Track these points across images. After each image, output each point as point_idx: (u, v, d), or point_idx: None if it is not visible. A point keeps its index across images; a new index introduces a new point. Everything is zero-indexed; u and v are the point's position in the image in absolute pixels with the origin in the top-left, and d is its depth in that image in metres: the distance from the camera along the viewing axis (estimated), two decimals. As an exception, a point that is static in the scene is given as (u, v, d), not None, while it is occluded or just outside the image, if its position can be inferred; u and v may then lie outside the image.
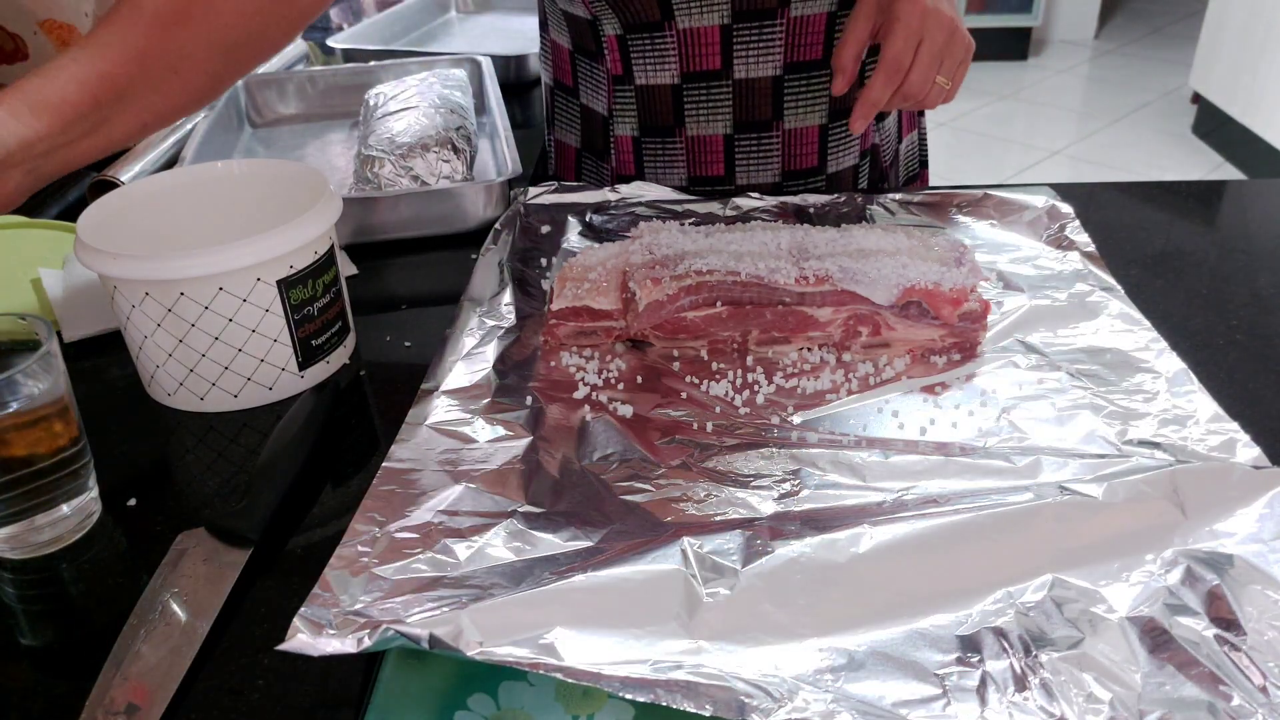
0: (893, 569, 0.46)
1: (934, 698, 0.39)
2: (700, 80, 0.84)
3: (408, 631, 0.41)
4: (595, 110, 0.91)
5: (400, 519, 0.49)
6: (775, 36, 0.81)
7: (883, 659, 0.41)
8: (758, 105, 0.85)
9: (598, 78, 0.88)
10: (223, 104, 1.03)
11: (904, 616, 0.43)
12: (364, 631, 0.41)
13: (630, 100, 0.86)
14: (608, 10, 0.82)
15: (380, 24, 1.37)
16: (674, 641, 0.42)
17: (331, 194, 0.63)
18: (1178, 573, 0.44)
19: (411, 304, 0.74)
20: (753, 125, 0.85)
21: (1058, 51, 4.09)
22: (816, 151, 0.87)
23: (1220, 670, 0.40)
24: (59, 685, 0.45)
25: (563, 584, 0.44)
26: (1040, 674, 0.40)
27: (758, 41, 0.81)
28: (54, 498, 0.51)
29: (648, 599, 0.44)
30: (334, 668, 0.45)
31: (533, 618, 0.42)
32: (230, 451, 0.59)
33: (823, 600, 0.44)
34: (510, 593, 0.44)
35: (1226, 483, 0.49)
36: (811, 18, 0.81)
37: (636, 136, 0.88)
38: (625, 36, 0.83)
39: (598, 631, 0.42)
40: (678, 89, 0.84)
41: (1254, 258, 0.75)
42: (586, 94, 0.91)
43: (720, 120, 0.85)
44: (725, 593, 0.44)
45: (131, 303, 0.59)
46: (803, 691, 0.39)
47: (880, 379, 0.61)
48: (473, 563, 0.46)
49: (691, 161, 0.88)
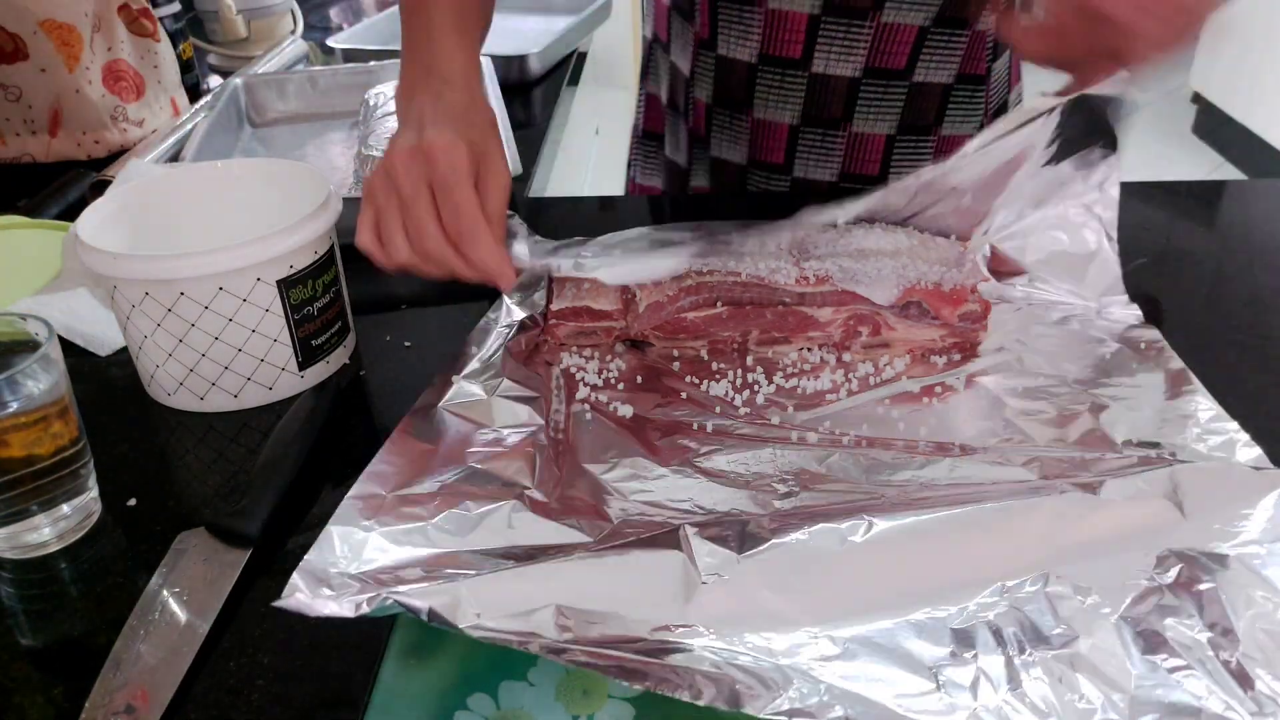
0: (890, 560, 0.46)
1: (927, 691, 0.39)
2: (777, 65, 0.84)
3: (406, 602, 0.41)
4: (680, 69, 0.92)
5: (406, 487, 0.49)
6: (862, 37, 0.80)
7: (877, 649, 0.41)
8: (830, 103, 0.84)
9: (686, 37, 0.89)
10: (223, 104, 1.03)
11: (899, 607, 0.43)
12: (363, 597, 0.41)
13: (710, 66, 0.87)
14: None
15: (380, 24, 1.37)
16: (671, 624, 0.42)
17: (331, 194, 0.63)
18: (1174, 573, 0.44)
19: (411, 304, 0.74)
20: (820, 121, 0.85)
21: (1058, 51, 4.08)
22: (880, 160, 0.87)
23: (1213, 675, 0.40)
24: (59, 685, 0.45)
25: (562, 562, 0.44)
26: (1033, 671, 0.40)
27: (843, 39, 0.81)
28: (54, 498, 0.51)
29: (645, 580, 0.44)
30: (334, 667, 0.45)
31: (530, 594, 0.42)
32: (230, 451, 0.59)
33: (819, 588, 0.44)
34: (510, 568, 0.44)
35: (1226, 483, 0.49)
36: (902, 27, 0.80)
37: (710, 104, 0.89)
38: (716, 3, 0.83)
39: (595, 611, 0.42)
40: (753, 68, 0.84)
41: (1254, 258, 0.75)
42: (676, 51, 0.92)
43: (789, 109, 0.85)
44: (722, 577, 0.44)
45: (131, 303, 0.59)
46: (796, 681, 0.39)
47: (880, 379, 0.61)
48: (475, 538, 0.47)
49: (754, 144, 0.88)
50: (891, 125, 0.85)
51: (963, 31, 0.81)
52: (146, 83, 1.09)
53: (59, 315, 0.68)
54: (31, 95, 1.00)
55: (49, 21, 0.98)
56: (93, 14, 1.02)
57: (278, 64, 1.25)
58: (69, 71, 1.00)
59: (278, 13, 1.39)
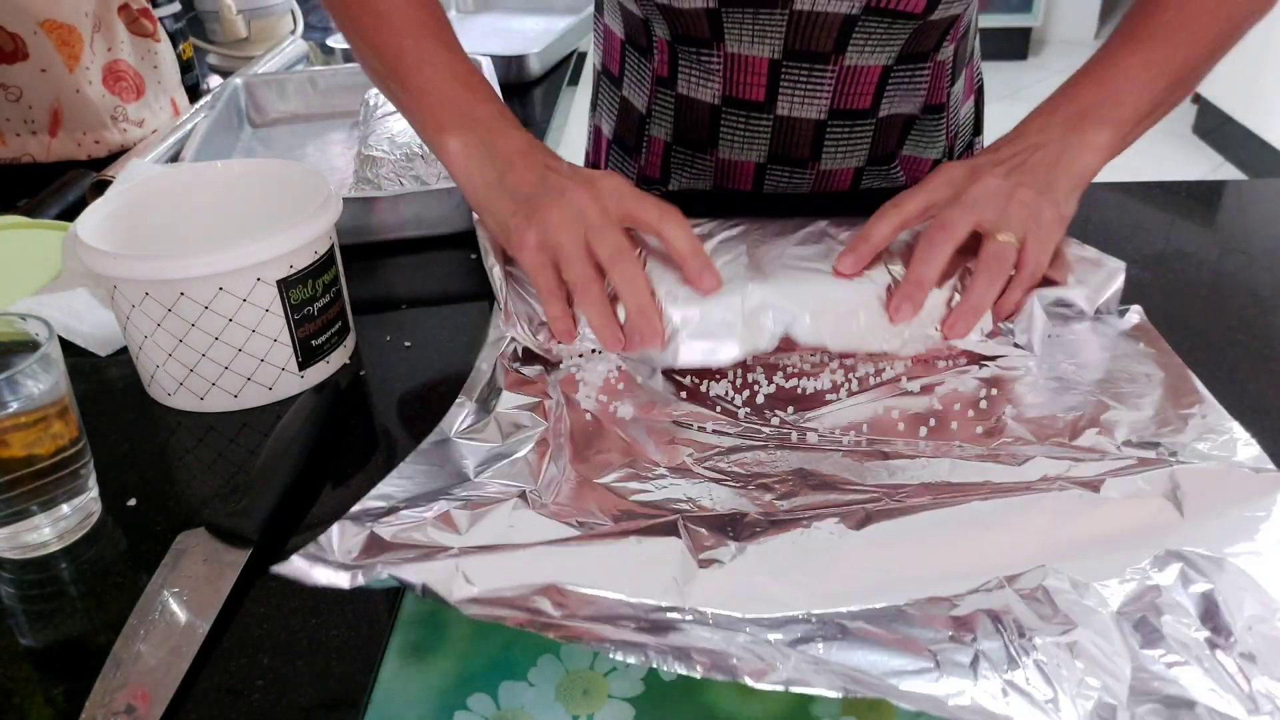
0: (889, 552, 0.46)
1: (926, 670, 0.40)
2: (741, 108, 0.81)
3: (401, 576, 0.41)
4: (634, 105, 0.89)
5: (409, 502, 0.49)
6: (825, 81, 0.78)
7: (875, 631, 0.41)
8: (796, 144, 0.82)
9: (643, 74, 0.86)
10: (223, 104, 1.03)
11: (898, 595, 0.43)
12: (358, 569, 0.42)
13: (670, 105, 0.85)
14: (659, 15, 0.79)
15: (380, 24, 1.36)
16: (668, 605, 0.42)
17: (331, 194, 0.63)
18: (1172, 572, 0.44)
19: (411, 304, 0.74)
20: (789, 160, 0.84)
21: (1058, 51, 4.09)
22: (849, 185, 0.86)
23: (1209, 672, 0.40)
24: (59, 685, 0.45)
25: (560, 546, 0.45)
26: (1033, 655, 0.40)
27: (806, 83, 0.79)
28: (54, 498, 0.51)
29: (644, 564, 0.44)
30: (334, 667, 0.45)
31: (527, 573, 0.43)
32: (230, 451, 0.59)
33: (818, 576, 0.45)
34: (505, 551, 0.44)
35: (1225, 483, 0.49)
36: (865, 69, 0.78)
37: (669, 142, 0.87)
38: (674, 44, 0.81)
39: (591, 592, 0.42)
40: (716, 110, 0.82)
41: (1254, 258, 0.75)
42: (629, 87, 0.89)
43: (755, 150, 0.84)
44: (721, 564, 0.45)
45: (131, 303, 0.59)
46: (794, 659, 0.39)
47: (880, 379, 0.61)
48: (474, 535, 0.47)
49: (719, 176, 0.87)
50: (861, 159, 0.84)
51: (925, 65, 0.80)
52: (146, 83, 1.09)
53: (59, 315, 0.68)
54: (31, 95, 1.00)
55: (49, 21, 0.98)
56: (93, 14, 1.02)
57: (278, 64, 1.25)
58: (69, 71, 1.00)
59: (278, 13, 1.39)
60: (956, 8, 0.75)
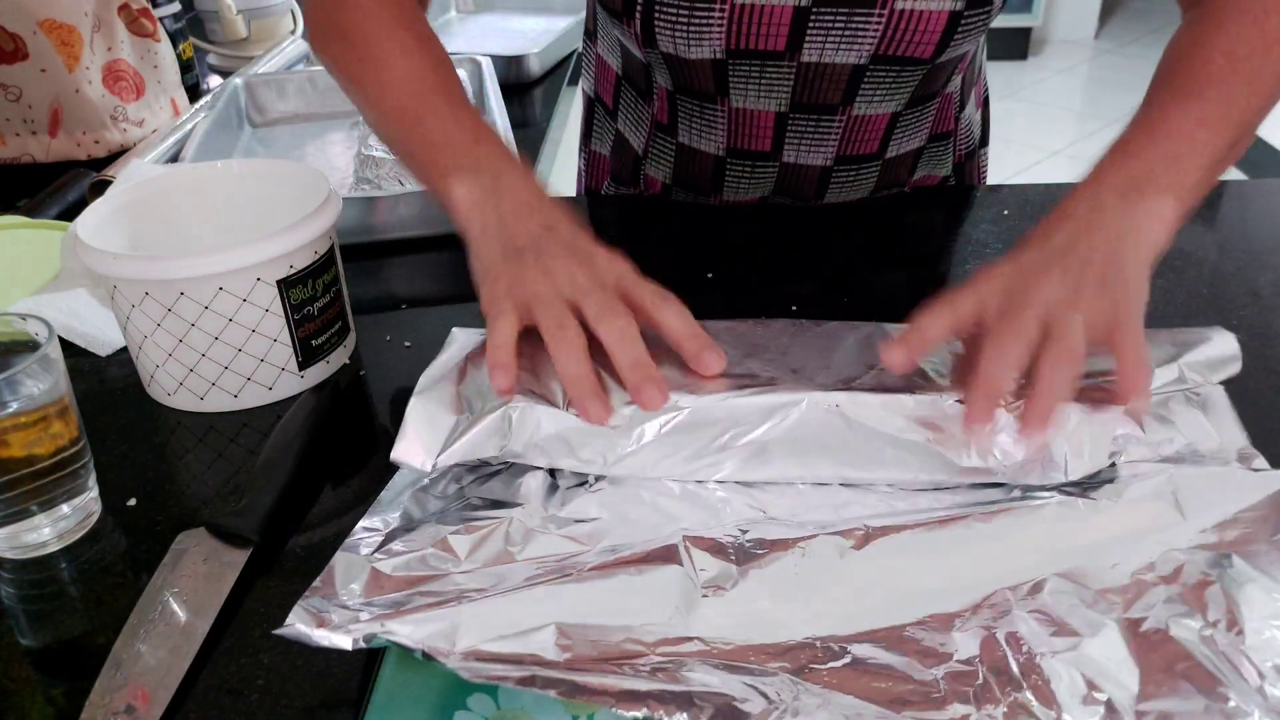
0: (891, 567, 0.46)
1: (931, 696, 0.39)
2: (746, 158, 0.80)
3: (401, 642, 0.41)
4: (630, 144, 0.87)
5: (406, 524, 0.49)
6: (832, 130, 0.77)
7: (879, 655, 0.41)
8: (802, 186, 0.82)
9: (640, 115, 0.84)
10: (223, 104, 1.03)
11: (902, 614, 0.43)
12: (359, 631, 0.41)
13: (669, 151, 0.83)
14: (662, 64, 0.76)
15: (380, 24, 1.36)
16: (672, 637, 0.42)
17: (331, 194, 0.63)
18: (1175, 574, 0.44)
19: (411, 304, 0.74)
20: (793, 196, 0.83)
21: (1058, 51, 4.09)
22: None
23: (1218, 671, 0.40)
24: (59, 685, 0.45)
25: (561, 584, 0.44)
26: (1038, 674, 0.40)
27: (813, 133, 0.77)
28: (54, 498, 0.51)
29: (645, 595, 0.44)
30: (334, 668, 0.45)
31: (530, 615, 0.42)
32: (230, 451, 0.59)
33: (820, 597, 0.44)
34: (506, 592, 0.44)
35: (1226, 484, 0.49)
36: (873, 117, 0.77)
37: (668, 184, 0.86)
38: (676, 94, 0.79)
39: (595, 626, 0.42)
40: (721, 160, 0.81)
41: (1254, 258, 0.75)
42: (625, 124, 0.87)
43: (760, 189, 0.83)
44: (723, 589, 0.45)
45: (131, 303, 0.59)
46: (800, 693, 0.39)
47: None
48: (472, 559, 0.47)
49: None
50: (866, 191, 0.84)
51: (931, 103, 0.79)
52: (146, 83, 1.09)
53: (59, 315, 0.68)
54: (31, 95, 1.00)
55: (49, 21, 0.98)
56: (93, 14, 1.02)
57: (278, 64, 1.25)
58: (69, 71, 1.00)
59: (278, 13, 1.39)
60: (966, 46, 0.73)
